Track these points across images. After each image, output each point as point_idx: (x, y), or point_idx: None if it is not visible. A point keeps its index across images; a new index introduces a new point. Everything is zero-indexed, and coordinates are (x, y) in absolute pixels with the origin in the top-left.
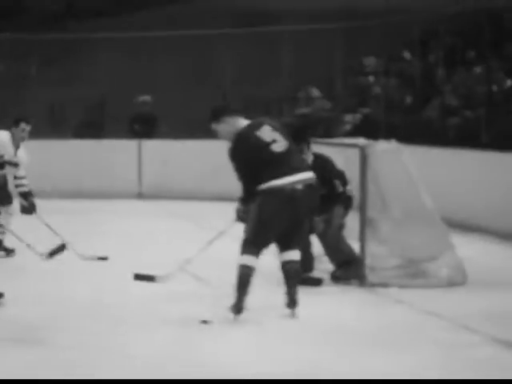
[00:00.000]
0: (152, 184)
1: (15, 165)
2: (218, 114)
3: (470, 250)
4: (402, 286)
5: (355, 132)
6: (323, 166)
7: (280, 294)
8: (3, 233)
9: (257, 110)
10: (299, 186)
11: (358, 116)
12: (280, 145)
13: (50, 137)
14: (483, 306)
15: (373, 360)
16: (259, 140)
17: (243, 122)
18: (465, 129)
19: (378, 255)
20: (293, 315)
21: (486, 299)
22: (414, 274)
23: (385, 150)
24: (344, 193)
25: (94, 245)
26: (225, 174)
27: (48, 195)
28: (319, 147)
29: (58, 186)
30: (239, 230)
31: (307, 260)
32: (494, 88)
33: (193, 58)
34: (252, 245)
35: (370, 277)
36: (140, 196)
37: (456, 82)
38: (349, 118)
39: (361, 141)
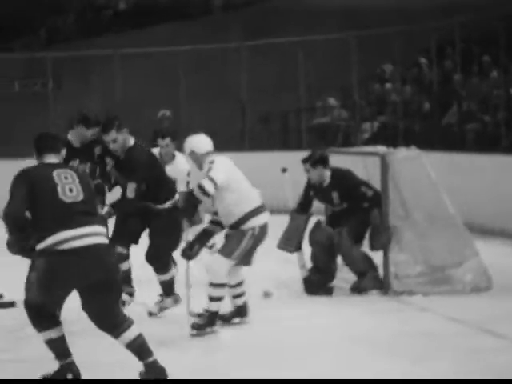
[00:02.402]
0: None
1: None
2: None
3: (492, 254)
4: (426, 293)
5: (374, 140)
6: (344, 178)
7: (305, 303)
8: None
9: (275, 122)
10: None
11: (376, 124)
12: None
13: None
14: (508, 310)
15: (397, 366)
16: None
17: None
18: (484, 133)
19: (401, 263)
20: None
21: (511, 304)
22: (438, 280)
23: (405, 157)
24: (377, 194)
25: None
26: None
27: None
28: (339, 156)
29: None
30: None
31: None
32: None
33: (210, 71)
34: None
35: (394, 285)
36: None
37: (473, 87)
38: (367, 126)
39: (381, 149)
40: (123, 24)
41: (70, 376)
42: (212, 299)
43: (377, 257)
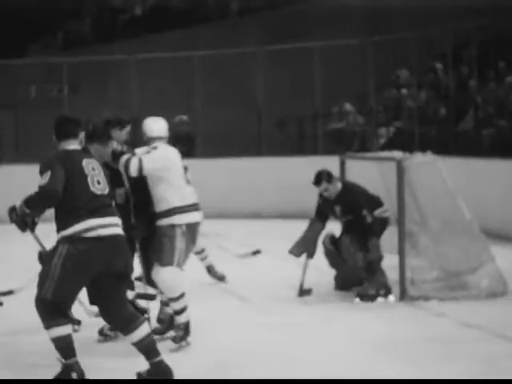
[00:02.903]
0: None
1: None
2: None
3: (508, 260)
4: (442, 299)
5: (390, 145)
6: (350, 195)
7: (318, 307)
8: None
9: (291, 127)
10: None
11: (392, 129)
12: None
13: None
14: None
15: (411, 372)
16: None
17: None
18: (500, 138)
19: (417, 268)
20: None
21: None
22: (454, 286)
23: (421, 163)
24: (376, 221)
25: None
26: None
27: None
28: (355, 162)
29: None
30: None
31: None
32: None
33: (227, 76)
34: None
35: (410, 290)
36: None
37: (489, 92)
38: (383, 131)
39: (396, 154)
40: (139, 29)
41: (74, 375)
42: (178, 313)
43: (392, 261)
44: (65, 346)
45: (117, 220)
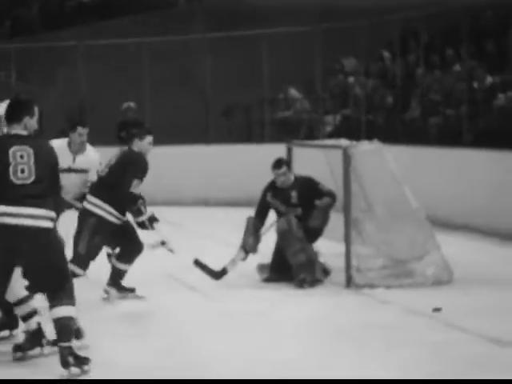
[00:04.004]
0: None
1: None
2: None
3: (454, 248)
4: (388, 287)
5: (337, 133)
6: (306, 180)
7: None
8: None
9: (238, 115)
10: None
11: (339, 117)
12: None
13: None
14: (469, 304)
15: (360, 359)
16: None
17: None
18: (447, 127)
19: (363, 256)
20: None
21: (472, 296)
22: (400, 273)
23: (367, 151)
24: (329, 193)
25: None
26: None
27: None
28: (302, 149)
29: None
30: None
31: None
32: (475, 85)
33: (175, 63)
34: None
35: (356, 278)
36: None
37: (436, 80)
38: (330, 119)
39: (343, 142)
40: (87, 16)
41: (71, 359)
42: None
43: (338, 249)
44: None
45: (37, 212)
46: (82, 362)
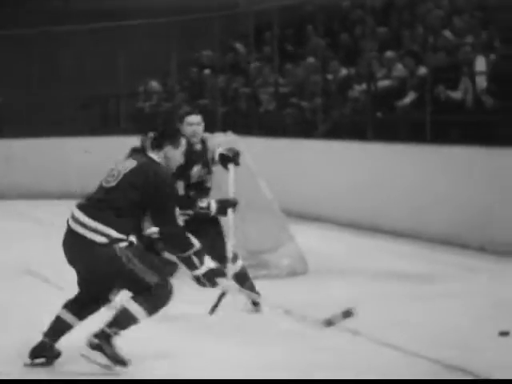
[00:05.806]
0: None
1: None
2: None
3: (309, 239)
4: None
5: None
6: None
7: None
8: None
9: (94, 108)
10: None
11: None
12: None
13: None
14: (323, 295)
15: (225, 350)
16: None
17: None
18: (302, 119)
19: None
20: None
21: (327, 287)
22: (255, 265)
23: (222, 142)
24: None
25: None
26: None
27: None
28: None
29: None
30: None
31: None
32: (329, 77)
33: (36, 56)
34: None
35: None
36: None
37: (288, 72)
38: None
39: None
40: None
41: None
42: None
43: None
44: None
45: None
46: (112, 356)
